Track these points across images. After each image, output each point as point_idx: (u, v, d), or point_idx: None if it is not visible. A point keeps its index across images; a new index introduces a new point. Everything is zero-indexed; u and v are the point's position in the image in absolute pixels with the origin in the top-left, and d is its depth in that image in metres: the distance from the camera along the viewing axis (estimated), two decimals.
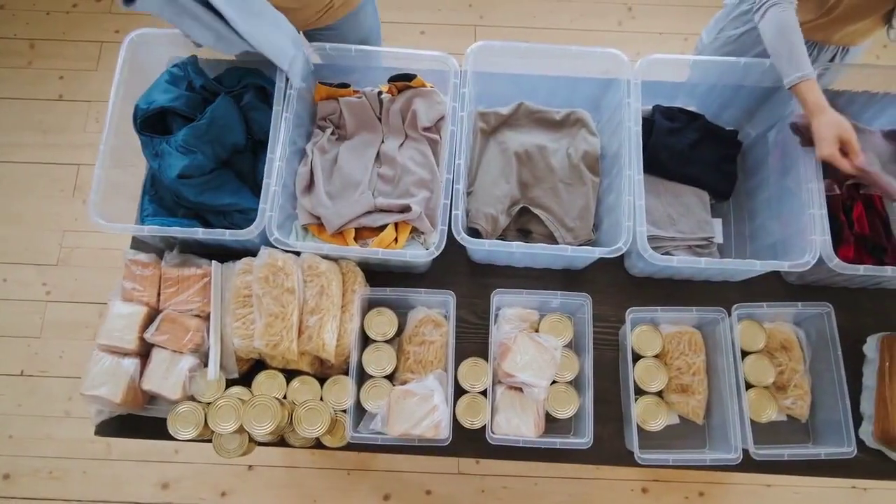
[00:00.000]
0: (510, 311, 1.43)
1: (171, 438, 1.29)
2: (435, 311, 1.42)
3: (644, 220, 1.29)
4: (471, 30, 2.69)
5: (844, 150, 1.26)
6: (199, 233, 1.30)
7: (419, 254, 1.28)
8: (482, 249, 1.37)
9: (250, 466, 2.19)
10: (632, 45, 2.68)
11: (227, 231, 1.29)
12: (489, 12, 2.72)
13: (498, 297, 1.39)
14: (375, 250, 1.30)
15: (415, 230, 1.40)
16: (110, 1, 2.75)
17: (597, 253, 1.28)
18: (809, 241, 1.28)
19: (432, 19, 2.70)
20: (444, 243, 1.28)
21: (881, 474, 1.39)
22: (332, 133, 1.46)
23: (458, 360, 1.38)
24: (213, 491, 2.17)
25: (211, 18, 1.17)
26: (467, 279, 1.49)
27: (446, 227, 1.28)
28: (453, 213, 1.28)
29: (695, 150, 1.50)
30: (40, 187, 2.48)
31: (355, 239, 1.39)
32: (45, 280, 2.37)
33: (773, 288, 1.51)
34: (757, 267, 1.28)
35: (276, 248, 1.31)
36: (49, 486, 2.17)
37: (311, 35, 1.56)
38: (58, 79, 2.63)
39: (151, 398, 1.38)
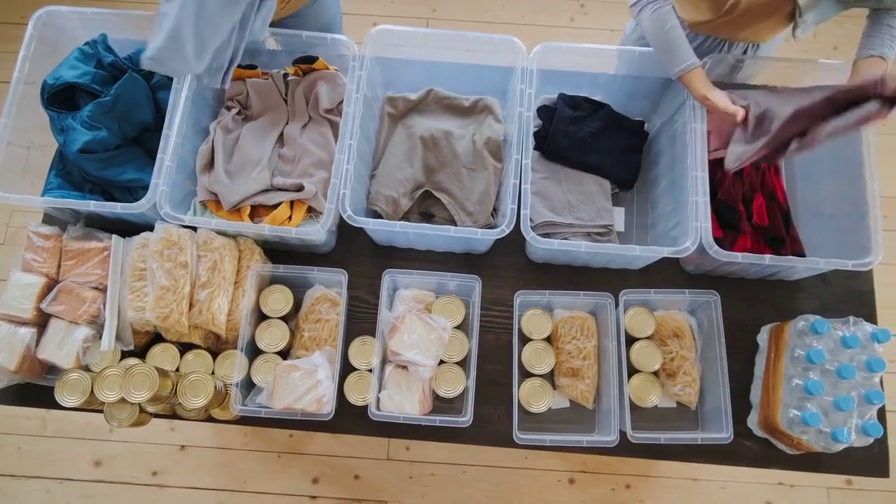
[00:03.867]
0: (406, 292, 1.45)
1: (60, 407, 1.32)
2: (332, 291, 1.44)
3: (529, 203, 1.31)
4: (423, 23, 2.72)
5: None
6: (91, 205, 1.33)
7: (306, 231, 1.30)
8: (383, 230, 1.39)
9: (182, 447, 2.22)
10: (583, 42, 2.69)
11: (119, 204, 1.32)
12: (442, 6, 2.75)
13: (395, 278, 1.41)
14: (263, 226, 1.32)
15: (313, 210, 1.43)
16: None
17: (479, 234, 1.29)
18: (692, 228, 1.29)
19: (385, 11, 2.73)
20: (330, 220, 1.30)
21: (765, 462, 1.40)
22: (239, 113, 1.49)
23: (354, 338, 1.41)
24: (144, 470, 2.20)
25: None
26: (369, 260, 1.51)
27: (334, 206, 1.30)
28: (341, 191, 1.30)
29: (597, 138, 1.51)
30: None
31: (252, 216, 1.41)
32: None
33: (671, 276, 1.52)
34: (637, 252, 1.30)
35: (170, 223, 1.33)
36: None
37: (276, 25, 1.59)
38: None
39: (51, 368, 1.41)
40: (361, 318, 1.47)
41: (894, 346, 2.32)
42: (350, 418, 1.37)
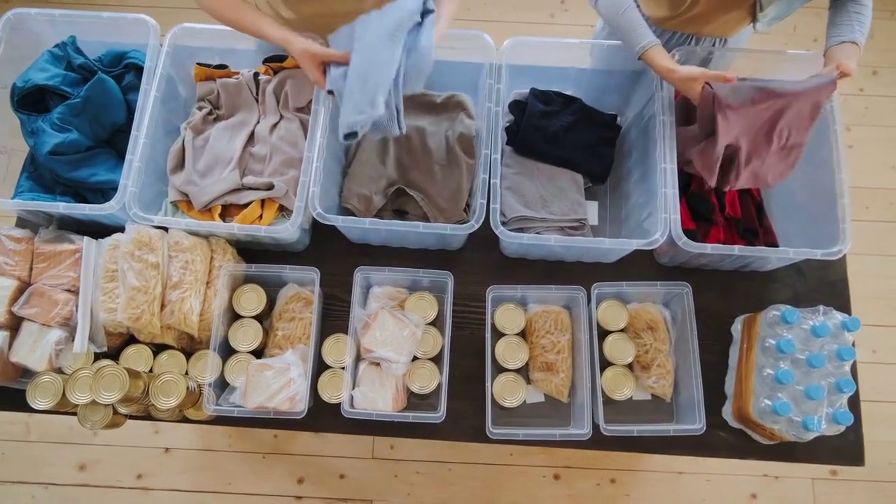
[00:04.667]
0: (379, 289, 1.45)
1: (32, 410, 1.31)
2: (306, 289, 1.44)
3: (499, 197, 1.31)
4: None
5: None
6: (61, 207, 1.33)
7: (276, 229, 1.31)
8: (355, 228, 1.39)
9: (167, 449, 2.21)
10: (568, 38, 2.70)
11: (88, 205, 1.31)
12: None
13: (368, 275, 1.41)
14: (233, 225, 1.32)
15: (285, 209, 1.42)
16: None
17: (448, 230, 1.30)
18: (661, 220, 1.30)
19: None
20: (299, 218, 1.30)
21: (741, 453, 1.40)
22: (210, 113, 1.48)
23: (328, 336, 1.41)
24: (129, 473, 2.19)
25: None
26: (344, 259, 1.51)
27: (304, 204, 1.30)
28: (311, 189, 1.30)
29: (569, 133, 1.51)
30: None
31: (224, 216, 1.41)
32: None
33: (646, 269, 1.53)
34: (606, 245, 1.30)
35: (139, 223, 1.33)
36: None
37: None
38: None
39: (26, 371, 1.40)
40: (336, 316, 1.47)
41: (874, 336, 2.34)
42: (325, 416, 1.37)
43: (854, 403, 1.39)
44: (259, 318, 1.43)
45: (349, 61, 1.18)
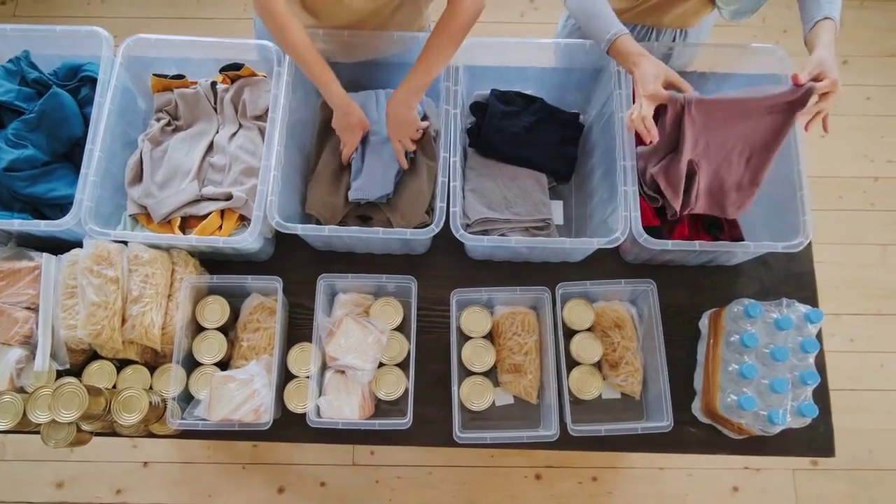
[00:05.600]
0: (345, 296, 1.44)
1: None
2: (271, 299, 1.43)
3: (459, 200, 1.30)
4: None
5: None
6: (16, 223, 1.31)
7: (235, 239, 1.29)
8: (318, 236, 1.38)
9: (145, 463, 2.19)
10: (534, 38, 2.69)
11: (43, 221, 1.30)
12: None
13: (332, 283, 1.40)
14: (191, 237, 1.31)
15: (246, 218, 1.41)
16: None
17: (408, 234, 1.29)
18: (622, 218, 1.29)
19: None
20: (257, 228, 1.29)
21: (711, 448, 1.40)
22: (168, 124, 1.47)
23: (294, 345, 1.39)
24: (108, 489, 2.17)
25: None
26: (309, 266, 1.50)
27: (262, 213, 1.29)
28: (269, 199, 1.29)
29: (531, 132, 1.51)
30: None
31: (184, 228, 1.40)
32: None
33: (612, 267, 1.52)
34: (567, 244, 1.29)
35: (97, 238, 1.31)
36: None
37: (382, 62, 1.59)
38: None
39: None
40: (302, 325, 1.46)
41: (851, 325, 2.35)
42: (292, 426, 1.36)
43: (822, 395, 1.39)
44: (224, 329, 1.41)
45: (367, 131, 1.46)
